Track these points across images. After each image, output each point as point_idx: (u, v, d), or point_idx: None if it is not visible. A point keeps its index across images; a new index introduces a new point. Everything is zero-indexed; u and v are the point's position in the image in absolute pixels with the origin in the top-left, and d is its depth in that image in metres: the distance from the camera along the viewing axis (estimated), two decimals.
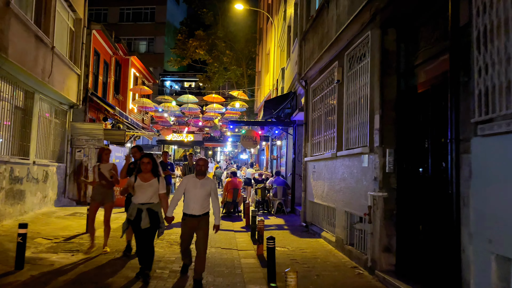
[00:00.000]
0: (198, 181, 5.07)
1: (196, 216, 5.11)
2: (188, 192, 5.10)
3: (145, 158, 5.14)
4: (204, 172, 5.13)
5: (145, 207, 5.02)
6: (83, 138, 12.78)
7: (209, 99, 18.36)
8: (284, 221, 10.58)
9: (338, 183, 7.32)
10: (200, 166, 5.10)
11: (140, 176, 5.09)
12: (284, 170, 14.25)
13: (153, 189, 5.10)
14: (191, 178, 5.16)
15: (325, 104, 8.65)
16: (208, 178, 5.20)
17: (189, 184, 5.10)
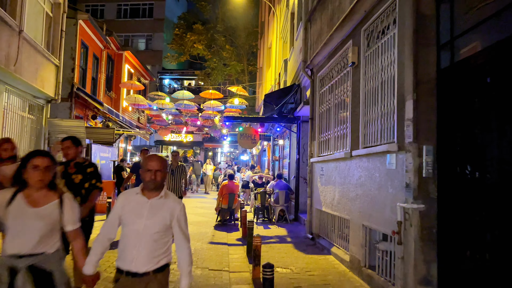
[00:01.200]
0: (146, 203, 2.65)
1: (139, 275, 2.56)
2: (126, 225, 2.65)
3: (38, 159, 2.59)
4: (159, 185, 2.67)
5: (25, 263, 2.49)
6: (62, 136, 11.36)
7: (206, 95, 17.00)
8: (286, 232, 9.19)
9: (353, 189, 5.93)
10: (153, 173, 2.62)
11: (26, 194, 2.60)
12: (287, 172, 12.87)
13: (45, 223, 2.57)
14: (133, 196, 2.71)
15: (336, 94, 7.28)
16: (169, 197, 2.74)
17: (128, 209, 2.65)
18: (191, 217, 11.20)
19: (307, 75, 8.83)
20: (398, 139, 4.48)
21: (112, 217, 2.70)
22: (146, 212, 2.63)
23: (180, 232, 2.72)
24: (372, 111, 5.42)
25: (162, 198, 2.71)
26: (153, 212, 2.64)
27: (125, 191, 2.82)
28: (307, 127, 10.39)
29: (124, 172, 11.63)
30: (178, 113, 22.71)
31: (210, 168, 20.06)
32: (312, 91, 8.73)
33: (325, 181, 7.51)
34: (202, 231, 9.15)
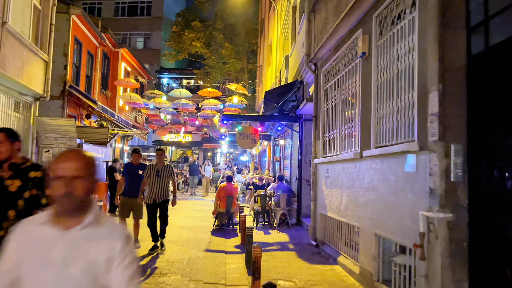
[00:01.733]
0: (59, 240, 1.53)
1: None
2: (24, 281, 1.53)
3: None
4: (80, 204, 1.55)
5: None
6: (52, 135, 10.85)
7: (204, 93, 16.39)
8: (288, 237, 8.59)
9: (363, 194, 5.33)
10: (66, 184, 1.52)
11: None
12: (289, 174, 12.28)
13: None
14: (35, 228, 1.58)
15: (342, 90, 6.68)
16: (102, 226, 1.59)
17: (28, 253, 1.54)
18: (187, 221, 10.60)
19: (311, 70, 8.23)
20: (419, 137, 3.88)
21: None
22: (59, 256, 1.50)
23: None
24: (385, 106, 4.82)
25: (90, 227, 1.55)
26: (72, 255, 1.51)
27: (25, 220, 1.65)
28: (310, 126, 9.80)
29: (117, 173, 11.03)
30: (176, 113, 22.12)
31: (208, 170, 19.26)
32: (316, 87, 8.13)
33: (331, 184, 6.91)
34: (198, 236, 8.55)
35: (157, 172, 7.06)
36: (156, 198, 7.02)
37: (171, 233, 8.70)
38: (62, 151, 1.68)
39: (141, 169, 7.25)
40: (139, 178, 7.08)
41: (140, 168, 7.28)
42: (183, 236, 8.54)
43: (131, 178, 7.15)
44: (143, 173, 7.11)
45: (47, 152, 10.82)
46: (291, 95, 10.56)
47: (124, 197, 7.17)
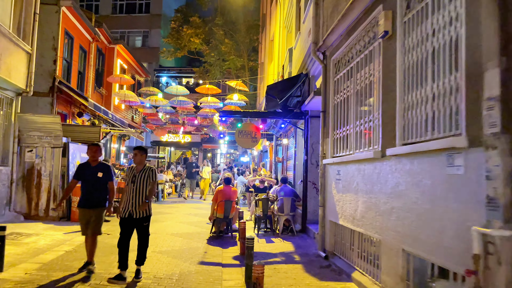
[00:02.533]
0: None
1: None
2: None
3: None
4: None
5: None
6: (35, 134, 9.99)
7: (202, 90, 15.51)
8: (293, 247, 7.69)
9: (386, 201, 4.45)
10: None
11: None
12: (292, 175, 11.39)
13: None
14: None
15: (356, 79, 5.81)
16: None
17: None
18: (182, 227, 9.71)
19: (319, 60, 7.36)
20: (468, 129, 3.00)
21: None
22: None
23: None
24: (415, 94, 3.94)
25: None
26: None
27: None
28: (317, 123, 8.94)
29: None
30: (174, 111, 21.25)
31: (207, 171, 17.99)
32: (324, 78, 7.26)
33: (343, 188, 6.03)
34: (192, 246, 7.67)
35: (133, 177, 5.30)
36: (133, 212, 5.21)
37: (162, 242, 7.82)
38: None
39: (101, 170, 5.58)
40: (99, 182, 5.53)
41: (100, 169, 5.59)
42: (175, 245, 7.66)
43: (87, 182, 5.54)
44: (103, 176, 5.57)
45: (30, 152, 9.96)
46: (296, 89, 9.69)
47: (80, 209, 5.57)
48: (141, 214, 5.30)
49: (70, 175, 10.17)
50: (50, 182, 9.97)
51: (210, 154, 36.05)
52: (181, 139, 32.41)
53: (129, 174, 5.40)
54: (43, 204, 9.91)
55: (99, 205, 5.57)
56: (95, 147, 5.70)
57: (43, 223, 9.37)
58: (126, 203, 5.27)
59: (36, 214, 9.86)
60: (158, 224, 9.93)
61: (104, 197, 5.64)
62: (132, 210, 5.24)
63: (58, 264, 5.95)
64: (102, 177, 5.57)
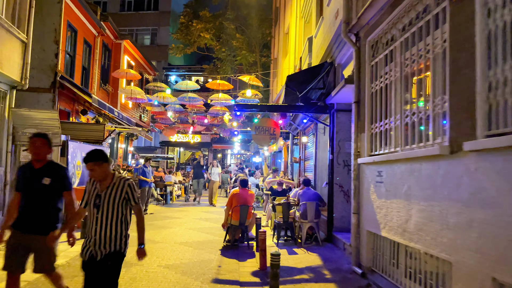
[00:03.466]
0: None
1: None
2: None
3: None
4: None
5: None
6: (31, 131, 9.06)
7: (213, 86, 14.51)
8: (321, 260, 6.64)
9: (459, 210, 3.39)
10: None
11: None
12: (313, 177, 10.33)
13: None
14: None
15: (403, 61, 4.76)
16: None
17: None
18: (192, 234, 8.72)
19: (351, 42, 6.31)
20: None
21: None
22: None
23: None
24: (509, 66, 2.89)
25: None
26: None
27: None
28: (344, 117, 7.90)
29: None
30: (183, 110, 20.32)
31: (217, 172, 15.26)
32: (357, 64, 6.21)
33: (387, 192, 4.97)
34: (204, 257, 6.66)
35: (97, 198, 3.32)
36: (94, 251, 3.28)
37: (170, 253, 6.83)
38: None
39: (49, 174, 3.67)
40: (45, 193, 3.65)
41: (46, 172, 3.68)
42: (185, 257, 6.66)
43: (26, 193, 3.67)
44: (53, 183, 3.66)
45: (26, 150, 9.05)
46: (318, 81, 8.65)
47: (15, 232, 3.64)
48: (107, 250, 3.31)
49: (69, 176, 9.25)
50: None
51: (220, 154, 35.14)
52: (191, 139, 31.56)
53: (90, 190, 3.40)
54: None
55: (44, 230, 3.62)
56: (38, 140, 3.67)
57: None
58: (87, 236, 3.37)
59: None
60: (166, 231, 8.96)
61: (53, 217, 3.71)
62: (94, 249, 3.27)
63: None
64: (50, 184, 3.64)
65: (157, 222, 10.35)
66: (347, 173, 7.94)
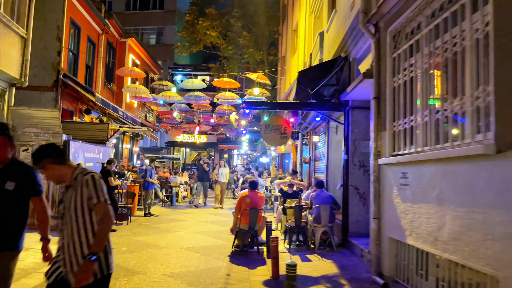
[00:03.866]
0: None
1: None
2: None
3: None
4: None
5: None
6: (31, 130, 8.74)
7: (219, 84, 14.09)
8: (337, 268, 6.18)
9: (510, 219, 2.92)
10: None
11: None
12: (324, 178, 9.86)
13: None
14: None
15: (435, 48, 4.30)
16: None
17: None
18: (198, 238, 8.29)
19: (369, 33, 5.85)
20: None
21: None
22: None
23: None
24: None
25: None
26: None
27: None
28: (360, 115, 7.45)
29: (112, 178, 8.84)
30: (189, 109, 19.93)
31: (224, 173, 14.67)
32: (377, 56, 5.75)
33: (414, 196, 4.50)
34: (212, 265, 6.23)
35: (60, 203, 2.76)
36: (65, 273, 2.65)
37: (175, 260, 6.40)
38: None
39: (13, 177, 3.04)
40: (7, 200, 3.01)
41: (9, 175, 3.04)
42: (191, 264, 6.24)
43: None
44: (18, 187, 3.03)
45: (26, 151, 8.70)
46: (331, 77, 8.20)
47: None
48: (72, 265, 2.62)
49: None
50: (48, 186, 8.69)
51: (226, 155, 34.74)
52: (197, 140, 31.19)
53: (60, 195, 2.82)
54: None
55: (5, 246, 2.99)
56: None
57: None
58: (57, 255, 2.79)
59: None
60: (171, 235, 8.55)
61: (17, 228, 3.08)
62: (66, 272, 2.63)
63: None
64: (14, 189, 3.02)
65: (162, 225, 9.95)
66: (363, 174, 7.48)
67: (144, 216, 11.47)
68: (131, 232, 8.74)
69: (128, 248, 7.12)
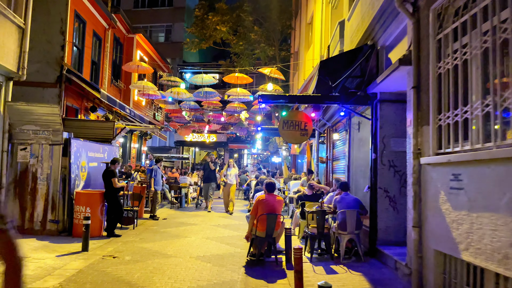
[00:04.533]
0: None
1: None
2: None
3: None
4: None
5: None
6: (30, 128, 8.12)
7: (230, 79, 13.33)
8: (368, 282, 5.40)
9: None
10: None
11: None
12: (345, 180, 9.07)
13: None
14: None
15: (500, 22, 3.52)
16: None
17: None
18: (210, 245, 7.57)
19: (407, 13, 5.07)
20: None
21: None
22: None
23: None
24: None
25: None
26: None
27: None
28: (390, 109, 6.69)
29: (116, 179, 8.17)
30: (199, 108, 19.25)
31: (234, 174, 13.05)
32: (416, 39, 4.98)
33: (471, 203, 3.73)
34: (225, 277, 5.52)
35: None
36: None
37: (184, 272, 5.69)
38: None
39: None
40: None
41: None
42: (202, 277, 5.52)
43: None
44: None
45: (24, 150, 8.08)
46: (355, 68, 7.41)
47: None
48: None
49: (72, 178, 8.25)
50: (47, 187, 8.07)
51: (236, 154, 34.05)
52: (206, 139, 30.57)
53: None
54: (39, 215, 8.02)
55: None
56: None
57: (38, 240, 7.46)
58: None
59: (30, 227, 7.97)
60: (180, 242, 7.85)
61: None
62: None
63: None
64: None
65: (170, 229, 9.26)
66: (393, 175, 6.70)
67: (150, 218, 10.82)
68: (137, 238, 8.07)
69: (133, 257, 6.43)
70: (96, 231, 7.99)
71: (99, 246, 7.15)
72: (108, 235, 8.09)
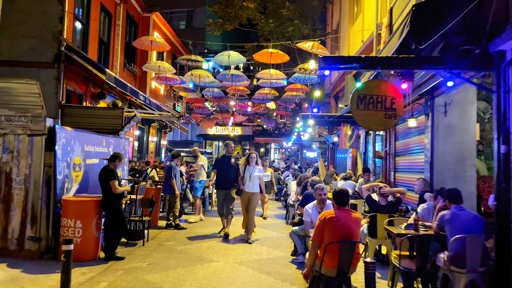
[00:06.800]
0: None
1: None
2: None
3: None
4: None
5: None
6: (2, 113, 6.04)
7: (262, 58, 10.91)
8: None
9: None
10: None
11: None
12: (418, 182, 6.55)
13: None
14: None
15: None
16: None
17: None
18: (245, 277, 5.17)
19: None
20: None
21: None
22: None
23: None
24: None
25: None
26: None
27: None
28: None
29: (116, 181, 5.99)
30: (223, 96, 17.04)
31: (257, 176, 7.89)
32: None
33: None
34: None
35: None
36: None
37: None
38: None
39: None
40: None
41: None
42: None
43: None
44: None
45: None
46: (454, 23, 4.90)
47: None
48: None
49: (60, 180, 6.12)
50: (26, 193, 5.98)
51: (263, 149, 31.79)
52: (230, 132, 28.44)
53: None
54: (15, 230, 5.94)
55: None
56: None
57: (8, 266, 5.38)
58: None
59: (3, 246, 5.91)
60: (203, 271, 5.60)
61: None
62: None
63: None
64: None
65: (190, 246, 7.05)
66: None
67: (166, 227, 8.68)
68: (144, 263, 5.89)
69: None
70: (89, 253, 5.88)
71: (89, 279, 5.00)
72: (106, 258, 5.95)
